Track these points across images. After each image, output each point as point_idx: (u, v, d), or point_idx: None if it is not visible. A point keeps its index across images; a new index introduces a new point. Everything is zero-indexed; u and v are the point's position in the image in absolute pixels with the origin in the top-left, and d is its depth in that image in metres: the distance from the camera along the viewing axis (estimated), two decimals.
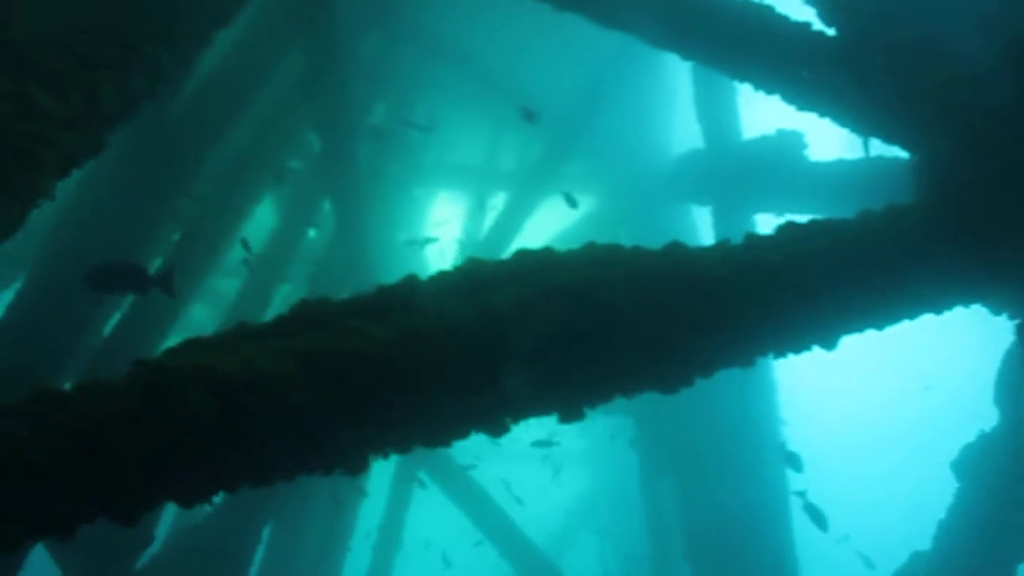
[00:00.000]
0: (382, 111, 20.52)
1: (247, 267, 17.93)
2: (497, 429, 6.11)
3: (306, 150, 19.82)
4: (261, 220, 18.87)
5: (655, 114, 20.66)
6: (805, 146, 14.58)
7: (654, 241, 18.20)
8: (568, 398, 6.20)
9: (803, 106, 9.40)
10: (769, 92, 9.52)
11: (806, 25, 9.27)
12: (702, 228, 19.20)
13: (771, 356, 6.66)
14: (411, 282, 6.54)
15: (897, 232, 6.70)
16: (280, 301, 19.36)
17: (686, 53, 10.26)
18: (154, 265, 15.77)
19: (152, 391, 5.41)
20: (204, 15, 8.66)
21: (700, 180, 17.40)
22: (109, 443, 5.17)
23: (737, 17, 9.56)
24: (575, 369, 6.09)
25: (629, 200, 19.54)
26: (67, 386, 5.47)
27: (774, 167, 14.59)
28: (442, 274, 6.67)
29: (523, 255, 6.81)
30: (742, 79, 9.93)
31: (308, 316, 6.37)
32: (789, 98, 9.52)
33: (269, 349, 5.82)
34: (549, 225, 20.65)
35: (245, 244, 16.77)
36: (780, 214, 14.79)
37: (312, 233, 19.50)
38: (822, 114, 9.45)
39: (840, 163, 13.22)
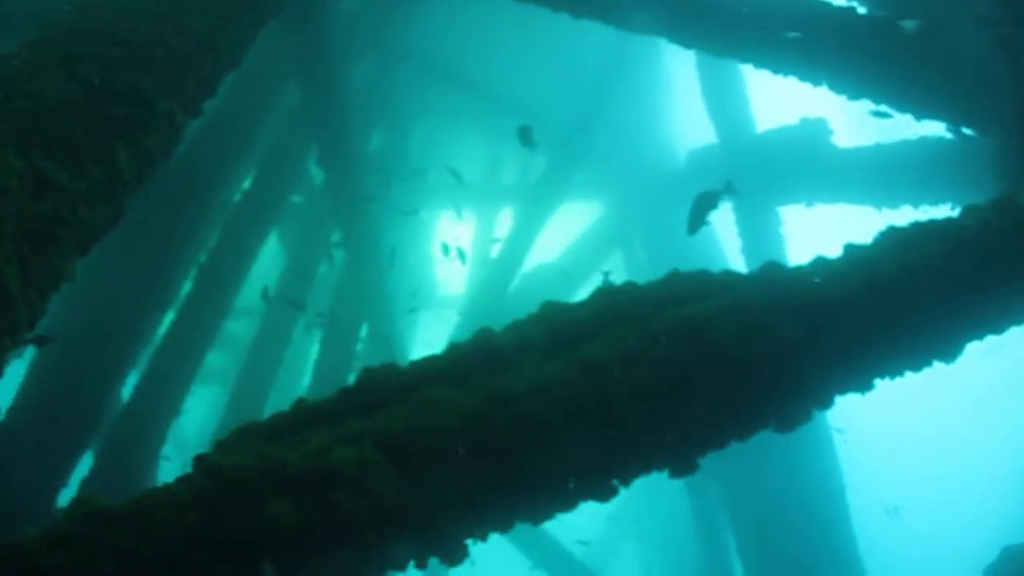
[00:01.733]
0: (380, 137, 19.70)
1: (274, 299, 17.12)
2: (606, 494, 5.29)
3: (307, 185, 19.02)
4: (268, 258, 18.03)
5: (658, 113, 19.92)
6: (831, 133, 13.86)
7: (668, 243, 17.46)
8: (682, 451, 5.38)
9: (852, 92, 8.61)
10: (816, 83, 8.72)
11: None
12: (719, 224, 18.45)
13: (889, 376, 5.85)
14: (487, 338, 5.71)
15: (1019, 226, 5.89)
16: (299, 338, 18.54)
17: (695, 42, 9.56)
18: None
19: (221, 499, 4.60)
20: (214, 60, 7.80)
21: (715, 176, 16.57)
22: (176, 568, 4.37)
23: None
24: (688, 420, 5.28)
25: (639, 203, 18.78)
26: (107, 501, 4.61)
27: (799, 157, 13.86)
28: (519, 324, 5.84)
29: (605, 294, 5.99)
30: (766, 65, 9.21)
31: (376, 387, 5.54)
32: (834, 82, 8.76)
33: (342, 435, 5.00)
34: (560, 237, 19.88)
35: (266, 293, 16.02)
36: (810, 204, 14.10)
37: (322, 267, 18.66)
38: (865, 97, 8.67)
39: (873, 148, 12.51)
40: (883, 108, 8.59)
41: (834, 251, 6.24)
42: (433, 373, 5.60)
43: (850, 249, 6.04)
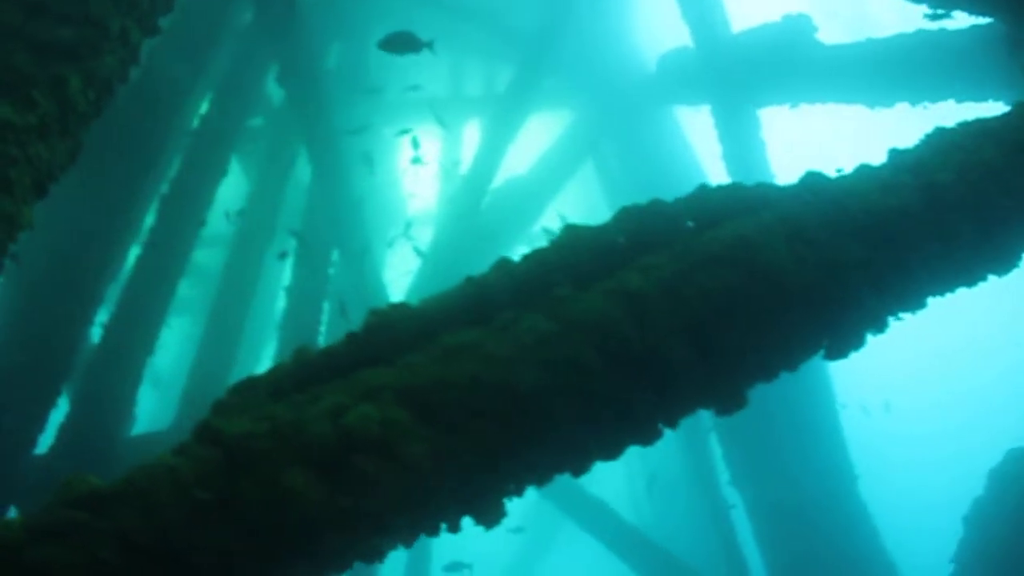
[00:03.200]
0: (338, 51, 18.52)
1: (238, 219, 16.21)
2: (652, 437, 4.66)
3: (267, 105, 17.89)
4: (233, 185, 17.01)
5: (626, 16, 18.88)
6: (815, 29, 13.05)
7: (642, 151, 16.72)
8: (730, 386, 4.75)
9: None
10: None
11: None
12: (691, 128, 17.71)
13: (943, 294, 5.23)
14: (507, 270, 4.98)
15: None
16: (270, 264, 17.66)
17: None
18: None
19: (229, 473, 3.92)
20: None
21: (690, 79, 15.82)
22: (185, 550, 3.72)
23: None
24: (736, 351, 4.64)
25: (610, 110, 17.88)
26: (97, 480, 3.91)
27: (781, 55, 13.06)
28: (541, 252, 5.11)
29: (631, 214, 5.27)
30: None
31: (387, 332, 4.82)
32: None
33: (358, 390, 4.31)
34: (529, 149, 19.01)
35: (228, 215, 15.07)
36: (794, 105, 13.37)
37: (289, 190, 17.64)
38: None
39: (864, 44, 11.76)
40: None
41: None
42: (450, 313, 4.88)
43: (897, 155, 5.35)
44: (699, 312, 4.50)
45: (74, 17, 5.55)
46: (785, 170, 15.25)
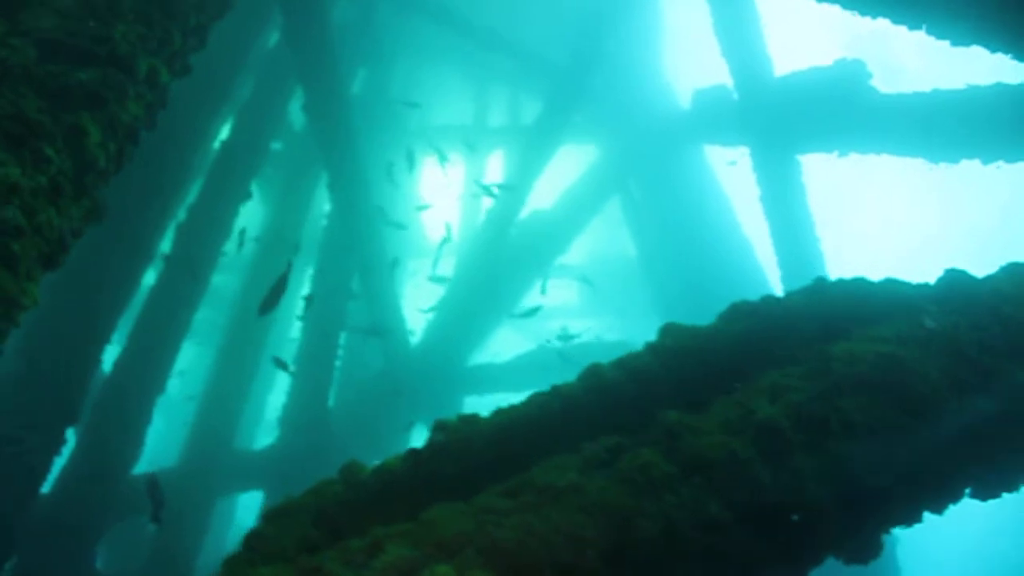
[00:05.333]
0: (363, 77, 17.62)
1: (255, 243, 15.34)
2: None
3: (287, 131, 16.99)
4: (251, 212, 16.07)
5: (658, 51, 18.00)
6: (870, 75, 12.16)
7: (668, 189, 15.79)
8: (873, 533, 3.81)
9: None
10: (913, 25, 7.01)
11: None
12: (719, 168, 16.77)
13: None
14: (597, 380, 4.06)
15: None
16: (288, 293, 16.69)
17: None
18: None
19: None
20: (200, 2, 5.89)
21: (727, 119, 14.92)
22: None
23: None
24: (888, 495, 3.71)
25: (638, 145, 16.96)
26: None
27: (835, 102, 12.16)
28: (635, 360, 4.18)
29: (740, 314, 4.35)
30: None
31: (459, 453, 3.90)
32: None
33: (429, 539, 3.38)
34: (555, 182, 18.06)
35: (243, 235, 14.15)
36: (843, 154, 12.47)
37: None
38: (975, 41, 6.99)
39: (928, 94, 10.85)
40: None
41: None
42: (531, 431, 3.97)
43: None
44: (845, 450, 3.57)
45: (96, 57, 4.65)
46: (824, 216, 14.48)
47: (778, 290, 14.18)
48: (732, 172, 15.66)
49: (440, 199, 19.11)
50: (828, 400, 3.66)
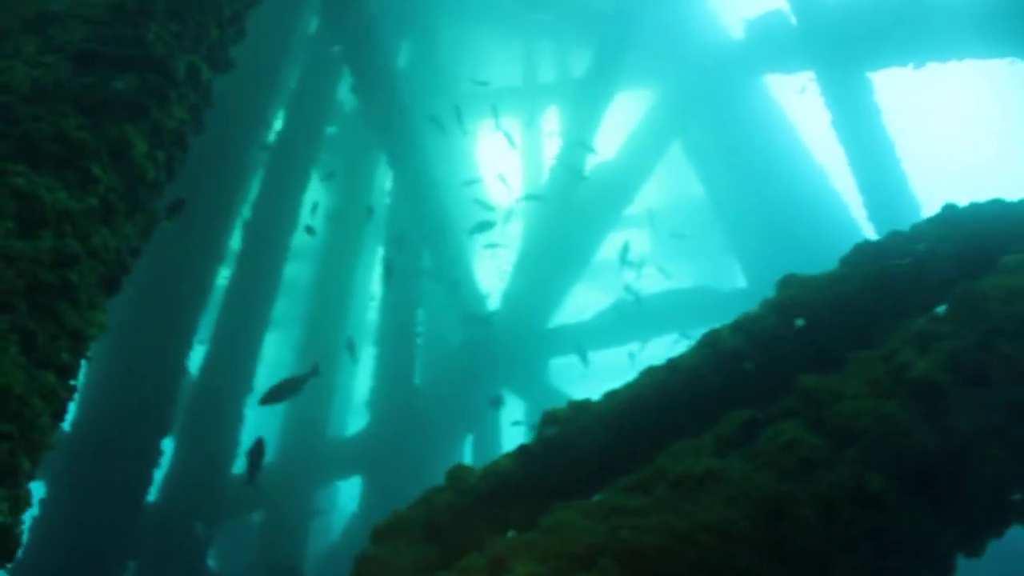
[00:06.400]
0: (408, 49, 17.11)
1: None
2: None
3: (339, 114, 16.60)
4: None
5: None
6: None
7: (731, 125, 15.01)
8: None
9: None
10: None
11: None
12: (782, 98, 15.90)
13: None
14: (715, 347, 3.58)
15: None
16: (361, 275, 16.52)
17: None
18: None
19: None
20: None
21: (787, 45, 14.09)
22: None
23: None
24: None
25: (693, 83, 16.18)
26: None
27: (907, 9, 11.21)
28: (756, 323, 3.69)
29: (863, 253, 3.82)
30: None
31: (574, 447, 3.48)
32: None
33: (558, 548, 2.98)
34: (615, 132, 17.38)
35: (315, 209, 13.90)
36: (919, 65, 11.61)
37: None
38: None
39: None
40: None
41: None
42: (651, 411, 3.52)
43: None
44: (1018, 405, 3.05)
45: (131, 61, 4.27)
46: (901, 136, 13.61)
47: (862, 219, 13.46)
48: (798, 101, 14.84)
49: (500, 164, 18.55)
50: (990, 347, 3.13)
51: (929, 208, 11.75)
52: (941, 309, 3.41)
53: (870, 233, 13.28)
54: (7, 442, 3.17)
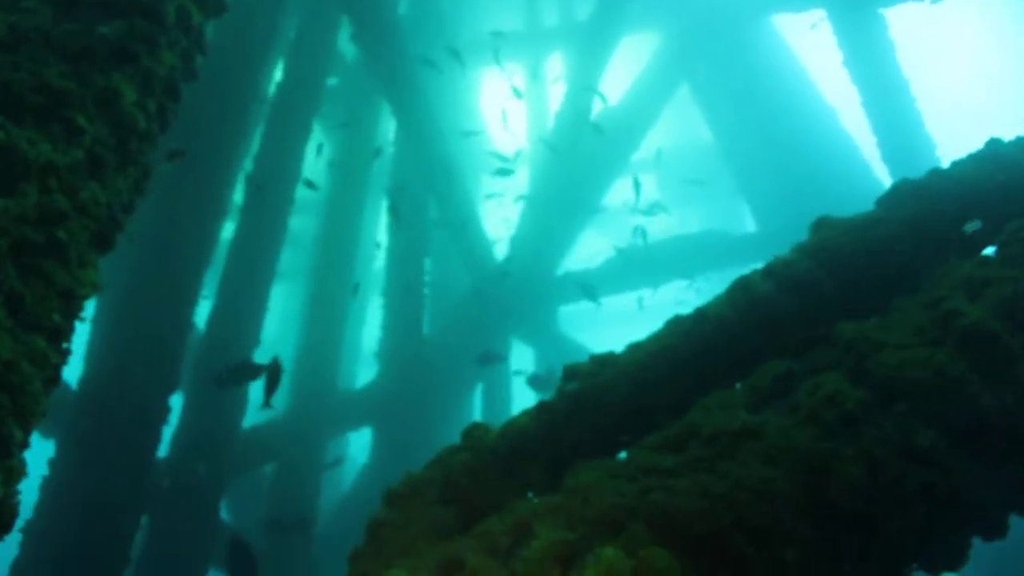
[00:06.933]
0: None
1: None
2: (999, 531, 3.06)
3: (340, 65, 16.17)
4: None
5: None
6: None
7: (738, 63, 14.59)
8: None
9: None
10: None
11: None
12: (791, 38, 15.39)
13: None
14: (748, 294, 3.34)
15: None
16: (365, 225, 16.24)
17: None
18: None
19: None
20: None
21: None
22: None
23: None
24: None
25: (699, 24, 15.66)
26: None
27: None
28: (787, 268, 3.44)
29: (901, 193, 3.55)
30: None
31: (598, 403, 3.26)
32: None
33: (584, 513, 2.78)
34: (620, 77, 16.90)
35: (320, 150, 13.57)
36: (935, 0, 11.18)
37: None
38: None
39: None
40: None
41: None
42: (679, 363, 3.29)
43: None
44: None
45: (118, 4, 3.99)
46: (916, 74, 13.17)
47: (875, 160, 13.12)
48: (808, 40, 14.38)
49: (505, 111, 18.07)
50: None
51: (945, 148, 11.44)
52: (989, 251, 3.16)
53: (883, 175, 12.98)
54: None
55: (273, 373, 7.04)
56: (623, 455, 3.25)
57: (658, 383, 3.24)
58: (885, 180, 13.06)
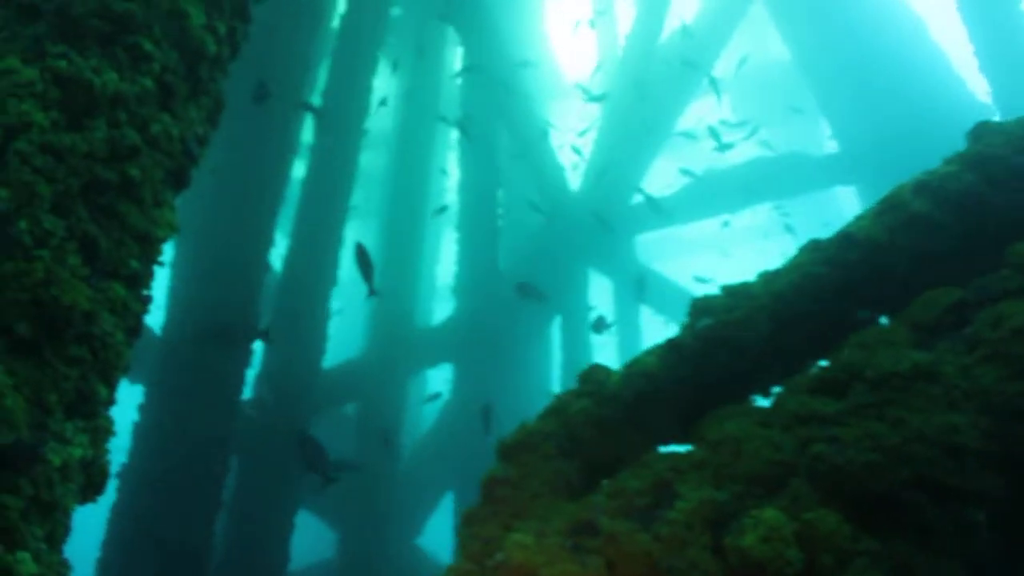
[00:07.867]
0: None
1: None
2: None
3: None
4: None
5: None
6: None
7: None
8: None
9: None
10: None
11: None
12: None
13: None
14: (900, 209, 2.89)
15: None
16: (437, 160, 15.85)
17: None
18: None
19: None
20: None
21: None
22: None
23: None
24: None
25: None
26: None
27: None
28: (940, 180, 2.97)
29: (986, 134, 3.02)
30: None
31: (737, 338, 2.87)
32: None
33: (735, 468, 2.42)
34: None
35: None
36: None
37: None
38: None
39: None
40: None
41: None
42: (823, 292, 2.88)
43: None
44: None
45: None
46: None
47: (967, 73, 12.21)
48: None
49: (573, 37, 17.35)
50: None
51: None
52: None
53: (978, 88, 12.08)
54: (78, 367, 2.70)
55: (364, 258, 6.47)
56: (759, 400, 2.87)
57: (798, 318, 2.83)
58: (983, 97, 12.16)
